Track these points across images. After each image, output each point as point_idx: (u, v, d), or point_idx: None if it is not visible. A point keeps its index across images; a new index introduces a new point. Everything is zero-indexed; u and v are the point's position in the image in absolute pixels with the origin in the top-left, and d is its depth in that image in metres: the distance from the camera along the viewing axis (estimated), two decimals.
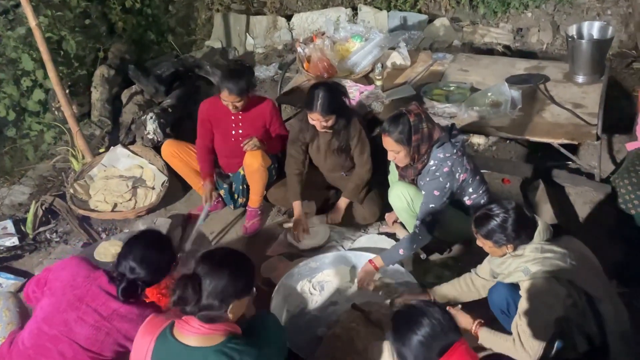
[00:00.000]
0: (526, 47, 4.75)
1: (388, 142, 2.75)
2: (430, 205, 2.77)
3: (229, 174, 3.50)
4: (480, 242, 2.32)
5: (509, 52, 4.68)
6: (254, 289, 1.95)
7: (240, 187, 3.43)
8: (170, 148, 3.47)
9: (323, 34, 4.10)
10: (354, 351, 2.51)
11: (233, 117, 3.30)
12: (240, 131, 3.32)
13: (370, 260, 2.85)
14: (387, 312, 2.65)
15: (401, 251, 2.79)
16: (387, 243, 3.14)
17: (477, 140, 3.95)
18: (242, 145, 3.22)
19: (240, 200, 3.47)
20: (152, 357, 1.84)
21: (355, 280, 2.89)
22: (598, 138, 3.23)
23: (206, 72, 4.71)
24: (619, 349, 2.22)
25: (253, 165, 3.23)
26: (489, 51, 4.70)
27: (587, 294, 2.23)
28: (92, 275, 2.15)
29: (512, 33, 4.82)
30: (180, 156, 3.46)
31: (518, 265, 2.24)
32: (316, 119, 3.03)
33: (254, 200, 3.39)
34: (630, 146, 2.75)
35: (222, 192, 3.47)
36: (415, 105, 2.78)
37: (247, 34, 5.42)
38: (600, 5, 4.61)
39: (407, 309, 1.76)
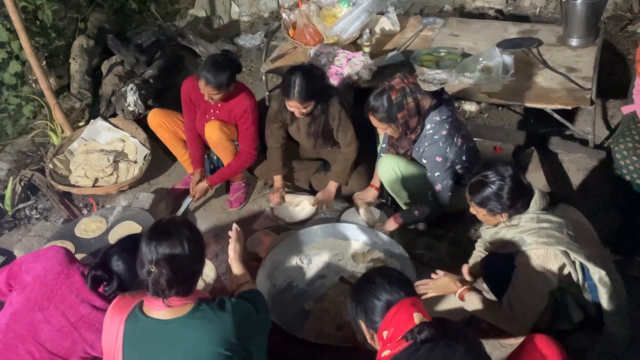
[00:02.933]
0: (519, 11, 4.61)
1: (374, 121, 2.68)
2: (437, 174, 2.70)
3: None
4: (474, 209, 2.24)
5: (502, 16, 4.54)
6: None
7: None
8: (157, 118, 3.29)
9: None
10: (341, 325, 2.45)
11: (212, 102, 3.14)
12: (213, 119, 3.15)
13: (395, 216, 2.89)
14: None
15: (417, 213, 2.83)
16: (375, 213, 3.08)
17: (468, 107, 3.84)
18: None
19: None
20: (124, 338, 1.77)
21: (350, 255, 2.83)
22: (592, 103, 3.14)
23: (189, 41, 4.55)
24: (613, 317, 2.16)
25: (212, 137, 3.10)
26: (481, 16, 4.56)
27: (583, 264, 2.16)
28: (64, 272, 2.02)
29: None
30: (168, 126, 3.30)
31: (513, 235, 2.16)
32: (294, 106, 2.89)
33: None
34: (626, 109, 2.66)
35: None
36: (399, 78, 2.64)
37: (232, 1, 5.23)
38: None
39: (366, 274, 1.83)
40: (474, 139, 3.38)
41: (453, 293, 2.31)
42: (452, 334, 1.67)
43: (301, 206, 3.17)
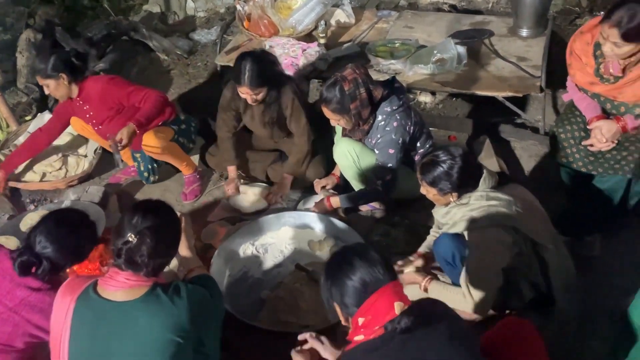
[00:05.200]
0: (472, 5, 4.68)
1: (327, 112, 2.67)
2: (389, 165, 2.70)
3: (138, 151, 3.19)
4: (425, 189, 2.24)
5: (455, 11, 4.61)
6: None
7: (150, 167, 3.21)
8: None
9: None
10: (297, 312, 2.43)
11: (78, 105, 3.05)
12: (94, 121, 3.08)
13: (327, 197, 2.87)
14: None
15: (360, 201, 2.85)
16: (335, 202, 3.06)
17: (424, 98, 3.88)
18: (108, 142, 2.87)
19: (151, 177, 3.25)
20: (73, 317, 1.71)
21: (307, 243, 2.80)
22: (542, 90, 3.21)
23: (143, 35, 4.46)
24: (563, 295, 2.20)
25: (153, 151, 3.03)
26: (436, 10, 4.61)
27: (533, 242, 2.19)
28: None
29: None
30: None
31: (463, 214, 2.17)
32: (246, 93, 2.85)
33: (183, 169, 3.23)
34: (566, 97, 2.75)
35: (135, 164, 3.26)
36: (350, 69, 2.64)
37: None
38: None
39: (343, 249, 1.70)
40: (430, 128, 3.42)
41: (418, 284, 2.31)
42: (432, 321, 1.57)
43: (257, 197, 3.13)
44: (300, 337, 1.97)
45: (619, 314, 2.12)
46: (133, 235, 1.72)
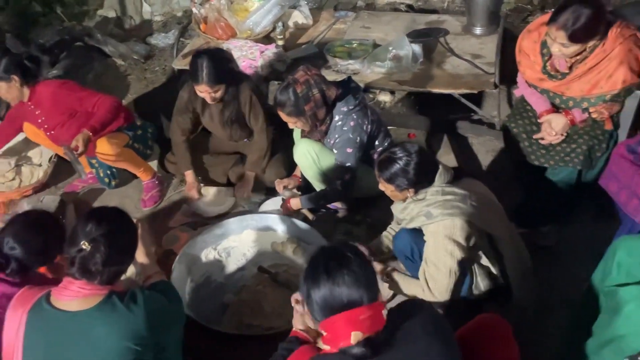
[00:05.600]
0: (428, 5, 4.76)
1: (283, 116, 2.68)
2: (347, 164, 2.71)
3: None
4: (383, 186, 2.27)
5: (412, 10, 4.67)
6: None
7: (108, 172, 3.17)
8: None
9: None
10: (261, 314, 2.42)
11: (30, 109, 2.99)
12: (45, 124, 3.03)
13: (288, 200, 2.87)
14: (295, 273, 2.58)
15: (321, 201, 2.85)
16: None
17: (383, 97, 3.92)
18: (63, 150, 2.78)
19: (112, 182, 3.22)
20: (26, 329, 1.67)
21: (269, 245, 2.80)
22: (496, 86, 3.28)
23: (98, 41, 4.37)
24: (520, 285, 2.25)
25: (107, 158, 2.99)
26: (393, 10, 4.67)
27: (488, 234, 2.23)
28: None
29: None
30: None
31: (420, 209, 2.21)
32: (204, 91, 2.82)
33: (141, 175, 3.18)
34: (518, 92, 2.83)
35: (93, 171, 3.21)
36: (302, 71, 2.65)
37: (143, 1, 5.08)
38: None
39: (328, 250, 1.58)
40: (389, 127, 3.45)
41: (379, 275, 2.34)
42: (410, 316, 1.51)
43: (218, 200, 3.10)
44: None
45: (576, 299, 2.19)
46: (86, 243, 1.69)
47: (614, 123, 2.55)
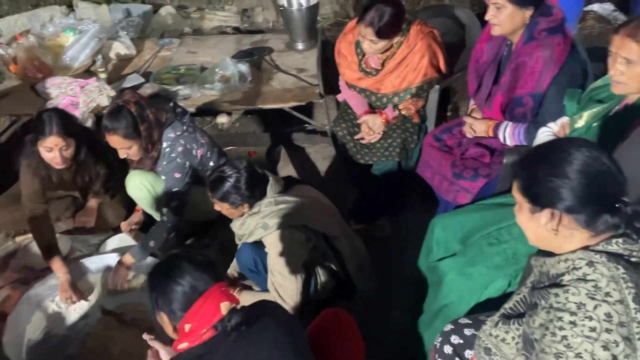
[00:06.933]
0: (254, 26, 4.89)
1: (115, 141, 2.53)
2: (174, 189, 2.66)
3: None
4: (218, 205, 2.28)
5: (239, 33, 4.77)
6: None
7: None
8: None
9: (28, 32, 3.67)
10: (110, 359, 2.29)
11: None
12: None
13: (120, 261, 2.63)
14: (143, 310, 2.48)
15: (152, 243, 2.62)
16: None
17: (221, 119, 3.95)
18: None
19: None
20: None
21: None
22: (322, 96, 3.45)
23: None
24: (360, 278, 2.39)
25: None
26: (220, 34, 4.73)
27: (324, 234, 2.34)
28: None
29: (238, 14, 4.93)
30: None
31: (257, 222, 2.25)
32: (53, 145, 2.53)
33: None
34: (340, 97, 3.04)
35: None
36: (130, 93, 2.60)
37: None
38: None
39: (166, 259, 1.64)
40: (228, 147, 3.48)
41: None
42: (262, 314, 1.58)
43: None
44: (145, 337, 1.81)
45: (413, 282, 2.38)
46: None
47: (421, 116, 2.83)
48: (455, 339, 1.74)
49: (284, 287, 2.22)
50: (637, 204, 1.26)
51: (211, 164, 2.85)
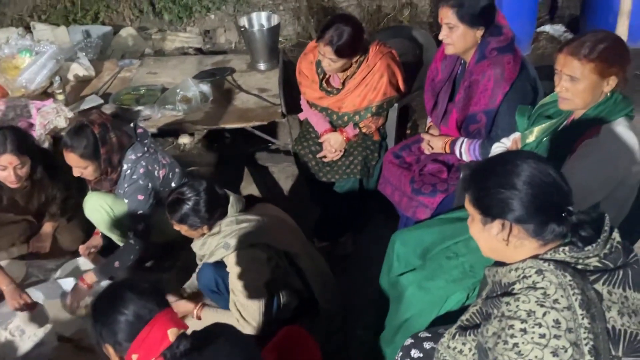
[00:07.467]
0: (216, 47, 4.91)
1: (72, 159, 2.50)
2: (139, 212, 2.62)
3: None
4: (177, 227, 2.26)
5: (201, 54, 4.78)
6: None
7: None
8: None
9: None
10: None
11: None
12: None
13: (81, 278, 2.57)
14: None
15: (117, 264, 2.58)
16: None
17: (183, 140, 3.91)
18: None
19: None
20: None
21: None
22: (284, 115, 3.47)
23: None
24: (323, 295, 2.39)
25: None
26: (182, 54, 4.72)
27: (286, 253, 2.34)
28: None
29: (200, 36, 4.93)
30: None
31: (218, 242, 2.23)
32: (9, 163, 2.53)
33: None
34: (302, 116, 3.07)
35: None
36: (97, 114, 2.59)
37: None
38: (273, 2, 5.03)
39: (108, 289, 1.59)
40: (191, 168, 3.45)
41: (190, 314, 2.32)
42: (212, 337, 1.54)
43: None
44: None
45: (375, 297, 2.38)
46: None
47: (381, 134, 2.88)
48: (415, 353, 1.75)
49: (246, 307, 2.20)
50: (582, 212, 1.30)
51: (173, 184, 2.83)
